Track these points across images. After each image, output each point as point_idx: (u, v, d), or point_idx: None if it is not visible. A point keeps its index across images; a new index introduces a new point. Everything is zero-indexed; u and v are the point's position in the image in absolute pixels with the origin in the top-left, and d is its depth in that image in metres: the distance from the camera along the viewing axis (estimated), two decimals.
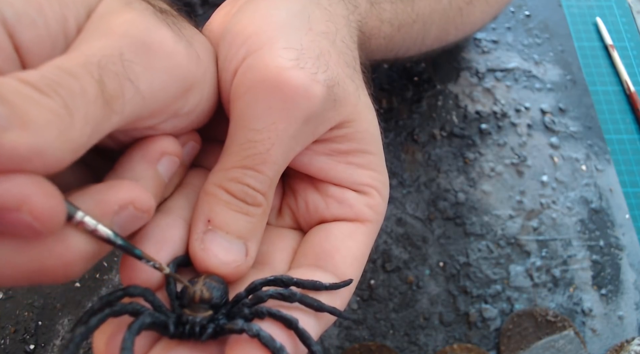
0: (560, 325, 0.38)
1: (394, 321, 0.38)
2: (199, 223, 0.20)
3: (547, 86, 0.49)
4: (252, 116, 0.20)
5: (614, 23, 0.54)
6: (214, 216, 0.19)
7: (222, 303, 0.18)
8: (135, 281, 0.18)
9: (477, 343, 0.37)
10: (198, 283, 0.18)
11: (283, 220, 0.24)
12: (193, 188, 0.22)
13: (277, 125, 0.20)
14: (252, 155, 0.20)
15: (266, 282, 0.18)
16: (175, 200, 0.21)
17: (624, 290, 0.40)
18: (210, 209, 0.20)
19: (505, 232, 0.42)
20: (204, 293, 0.18)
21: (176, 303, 0.18)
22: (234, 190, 0.20)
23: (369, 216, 0.23)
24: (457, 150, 0.45)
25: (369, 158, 0.23)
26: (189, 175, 0.23)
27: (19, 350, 0.36)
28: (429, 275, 0.40)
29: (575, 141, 0.46)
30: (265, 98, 0.20)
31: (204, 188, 0.20)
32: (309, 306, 0.18)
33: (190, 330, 0.17)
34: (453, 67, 0.49)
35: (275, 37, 0.20)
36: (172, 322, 0.17)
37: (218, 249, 0.19)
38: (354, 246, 0.22)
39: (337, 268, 0.21)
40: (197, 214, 0.20)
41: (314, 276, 0.19)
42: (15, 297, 0.37)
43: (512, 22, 0.52)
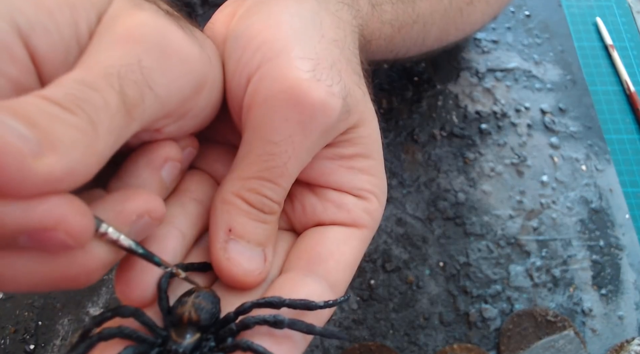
0: (560, 325, 0.38)
1: (394, 321, 0.38)
2: (220, 232, 0.20)
3: (547, 86, 0.49)
4: (270, 128, 0.20)
5: (614, 23, 0.54)
6: (235, 225, 0.20)
7: (210, 323, 0.18)
8: (130, 295, 0.18)
9: (477, 343, 0.37)
10: (187, 303, 0.18)
11: (280, 222, 0.24)
12: (187, 195, 0.22)
13: (294, 138, 0.20)
14: (271, 167, 0.20)
15: (256, 304, 0.18)
16: (169, 208, 0.21)
17: (624, 290, 0.40)
18: (231, 218, 0.20)
19: (505, 232, 0.42)
20: (192, 315, 0.18)
21: (168, 320, 0.18)
22: (253, 200, 0.20)
23: (366, 222, 0.23)
24: (457, 150, 0.45)
25: (370, 163, 0.23)
26: (182, 180, 0.23)
27: (19, 350, 0.36)
28: (429, 274, 0.40)
29: (575, 141, 0.46)
30: (283, 111, 0.20)
31: (222, 196, 0.20)
32: (299, 330, 0.18)
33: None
34: (453, 67, 0.49)
35: (290, 45, 0.20)
36: (155, 351, 0.17)
37: (242, 258, 0.19)
38: (348, 252, 0.22)
39: (330, 274, 0.21)
40: (217, 223, 0.20)
41: (304, 284, 0.19)
42: (15, 297, 0.37)
43: (512, 22, 0.52)
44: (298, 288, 0.19)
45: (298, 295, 0.19)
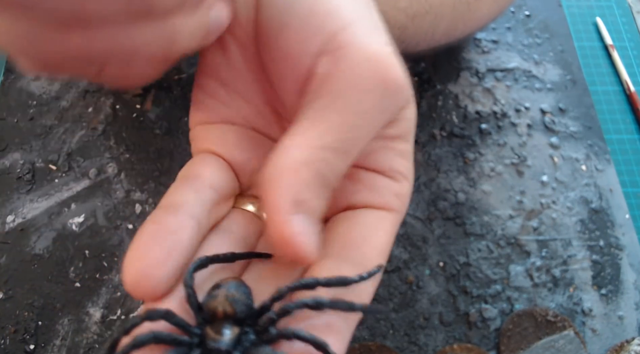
0: (560, 325, 0.38)
1: (393, 321, 0.38)
2: (286, 204, 0.17)
3: (547, 86, 0.49)
4: (353, 98, 0.19)
5: (614, 23, 0.54)
6: (302, 198, 0.18)
7: (247, 314, 0.17)
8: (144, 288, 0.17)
9: (477, 343, 0.37)
10: (219, 297, 0.17)
11: None
12: (202, 181, 0.20)
13: (374, 111, 0.19)
14: (347, 139, 0.19)
15: (292, 288, 0.17)
16: (182, 193, 0.20)
17: (624, 290, 0.40)
18: (298, 190, 0.18)
19: (505, 232, 0.42)
20: (226, 309, 0.17)
21: (200, 317, 0.17)
22: (324, 172, 0.18)
23: (397, 206, 0.22)
24: (457, 150, 0.45)
25: (408, 146, 0.22)
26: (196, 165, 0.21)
27: (19, 350, 0.36)
28: (429, 275, 0.40)
29: (575, 141, 0.46)
30: (368, 82, 0.19)
31: (290, 164, 0.18)
32: (340, 309, 0.17)
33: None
34: (453, 67, 0.49)
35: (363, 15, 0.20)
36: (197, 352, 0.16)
37: (307, 234, 0.18)
38: (382, 236, 0.21)
39: (366, 260, 0.19)
40: (281, 194, 0.18)
41: (339, 270, 0.18)
42: (15, 297, 0.37)
43: (512, 22, 0.52)
44: (333, 272, 0.18)
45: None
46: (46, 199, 0.41)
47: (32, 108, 0.45)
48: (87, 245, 0.39)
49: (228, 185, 0.22)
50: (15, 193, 0.41)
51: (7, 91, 0.46)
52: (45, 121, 0.45)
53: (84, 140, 0.44)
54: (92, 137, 0.44)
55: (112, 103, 0.46)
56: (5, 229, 0.40)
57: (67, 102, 0.46)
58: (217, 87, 0.23)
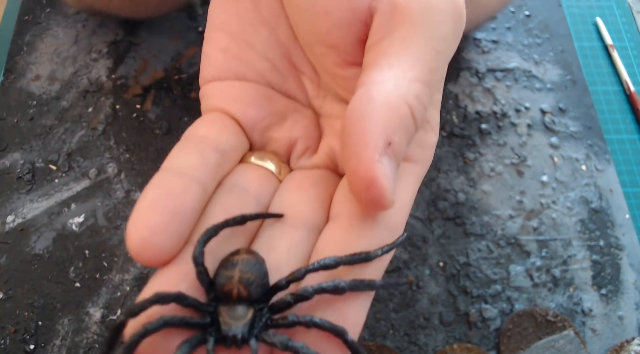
0: (560, 325, 0.38)
1: (394, 321, 0.38)
2: (380, 142, 0.16)
3: (547, 86, 0.49)
4: (435, 25, 0.17)
5: (614, 23, 0.54)
6: (396, 139, 0.16)
7: (262, 294, 0.17)
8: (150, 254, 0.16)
9: (477, 343, 0.37)
10: (233, 278, 0.16)
11: (318, 158, 0.22)
12: (207, 143, 0.19)
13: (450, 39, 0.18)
14: (433, 69, 0.17)
15: (310, 270, 0.16)
16: (186, 155, 0.18)
17: (624, 290, 0.40)
18: (394, 130, 0.16)
19: (505, 232, 0.42)
20: (241, 291, 0.16)
21: (212, 295, 0.16)
22: (415, 110, 0.17)
23: (420, 158, 0.20)
24: (457, 150, 0.45)
25: (439, 95, 0.21)
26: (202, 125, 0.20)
27: (19, 350, 0.36)
28: (429, 275, 0.40)
29: (575, 141, 0.46)
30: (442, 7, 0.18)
31: (381, 99, 0.16)
32: (360, 290, 0.16)
33: (231, 341, 0.16)
34: (453, 67, 0.49)
35: None
36: (211, 346, 0.15)
37: (391, 180, 0.16)
38: (404, 190, 0.19)
39: (388, 217, 0.18)
40: (376, 131, 0.16)
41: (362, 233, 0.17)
42: (15, 297, 0.37)
43: (512, 22, 0.52)
44: (354, 239, 0.17)
45: (355, 247, 0.17)
46: (46, 199, 0.41)
47: (32, 108, 0.45)
48: (87, 245, 0.39)
49: (235, 145, 0.20)
50: (15, 193, 0.41)
51: (7, 91, 0.46)
52: (45, 121, 0.45)
53: (84, 140, 0.44)
54: (92, 137, 0.44)
55: (112, 103, 0.46)
56: (5, 229, 0.40)
57: (67, 102, 0.46)
58: (229, 41, 0.22)
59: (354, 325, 0.16)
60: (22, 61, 0.47)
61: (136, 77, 0.47)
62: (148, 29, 0.49)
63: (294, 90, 0.23)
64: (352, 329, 0.16)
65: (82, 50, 0.48)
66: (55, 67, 0.47)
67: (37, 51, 0.48)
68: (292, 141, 0.22)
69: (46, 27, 0.49)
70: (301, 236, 0.18)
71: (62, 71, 0.47)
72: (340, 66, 0.20)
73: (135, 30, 0.49)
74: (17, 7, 0.50)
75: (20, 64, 0.47)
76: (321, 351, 0.15)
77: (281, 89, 0.23)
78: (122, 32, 0.49)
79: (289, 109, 0.22)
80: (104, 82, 0.47)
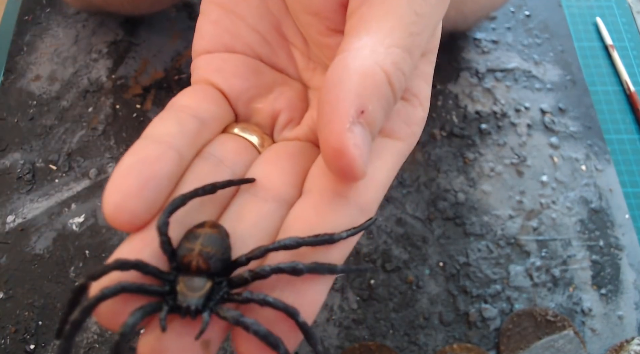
0: (560, 325, 0.38)
1: (393, 321, 0.38)
2: (351, 110, 0.15)
3: (547, 86, 0.49)
4: None
5: (614, 23, 0.54)
6: (370, 108, 0.16)
7: (221, 268, 0.17)
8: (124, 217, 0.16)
9: (477, 343, 0.37)
10: (194, 250, 0.16)
11: (300, 131, 0.21)
12: (187, 111, 0.19)
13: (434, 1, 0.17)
14: (415, 33, 0.17)
15: (270, 249, 0.16)
16: (165, 123, 0.18)
17: (624, 290, 0.40)
18: (368, 97, 0.16)
19: (505, 232, 0.42)
20: (200, 264, 0.16)
21: (174, 265, 0.17)
22: (394, 78, 0.16)
23: (404, 134, 0.19)
24: (457, 150, 0.45)
25: (430, 68, 0.20)
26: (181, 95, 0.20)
27: (20, 350, 0.36)
28: (429, 274, 0.40)
29: (575, 141, 0.46)
30: None
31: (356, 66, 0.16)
32: (320, 273, 0.16)
33: (185, 311, 0.16)
34: (453, 67, 0.49)
35: None
36: (163, 317, 0.16)
37: (363, 149, 0.15)
38: (379, 168, 0.18)
39: (360, 195, 0.17)
40: (348, 98, 0.15)
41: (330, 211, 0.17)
42: (15, 297, 0.37)
43: (512, 22, 0.52)
44: (322, 217, 0.17)
45: (323, 224, 0.16)
46: (46, 199, 0.41)
47: (32, 109, 0.45)
48: (88, 245, 0.39)
49: (217, 115, 0.20)
50: (16, 193, 0.41)
51: (7, 91, 0.46)
52: (46, 121, 0.45)
53: (84, 140, 0.44)
54: (92, 137, 0.44)
55: (112, 103, 0.46)
56: (6, 229, 0.40)
57: (67, 102, 0.46)
58: (221, 14, 0.22)
59: (310, 307, 0.16)
60: (22, 61, 0.47)
61: (136, 77, 0.47)
62: (148, 29, 0.49)
63: (283, 63, 0.23)
64: (308, 311, 0.16)
65: (82, 50, 0.48)
66: (55, 67, 0.47)
67: (37, 51, 0.48)
68: (276, 113, 0.22)
69: (46, 27, 0.49)
70: (271, 209, 0.18)
71: (62, 71, 0.47)
72: (325, 34, 0.20)
73: (136, 30, 0.49)
74: (17, 7, 0.50)
75: (20, 64, 0.47)
76: (273, 330, 0.15)
77: (270, 61, 0.22)
78: (122, 32, 0.49)
79: (276, 81, 0.22)
80: (104, 82, 0.47)
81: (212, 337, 0.16)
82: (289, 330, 0.16)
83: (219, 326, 0.16)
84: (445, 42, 0.50)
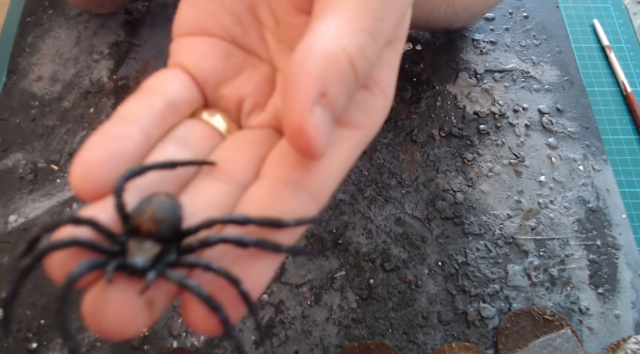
0: (558, 324, 0.38)
1: (392, 320, 0.38)
2: (312, 91, 0.16)
3: (545, 87, 0.49)
4: None
5: (611, 24, 0.54)
6: (331, 90, 0.16)
7: (171, 235, 0.17)
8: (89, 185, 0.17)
9: (475, 342, 0.38)
10: (146, 213, 0.17)
11: (264, 117, 0.22)
12: (156, 92, 0.20)
13: None
14: (379, 18, 0.17)
15: (219, 221, 0.17)
16: (133, 105, 0.19)
17: (621, 289, 0.40)
18: (330, 80, 0.16)
19: (504, 232, 0.42)
20: (151, 228, 0.17)
21: (126, 227, 0.17)
22: (358, 64, 0.16)
23: (363, 123, 0.19)
24: (455, 150, 0.45)
25: (396, 58, 0.20)
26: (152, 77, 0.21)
27: (22, 349, 0.36)
28: (428, 274, 0.40)
29: (573, 141, 0.47)
30: None
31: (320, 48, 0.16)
32: (265, 249, 0.17)
33: (132, 269, 0.16)
34: (451, 67, 0.50)
35: None
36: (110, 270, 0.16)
37: (322, 129, 0.16)
38: (335, 157, 0.18)
39: (312, 184, 0.18)
40: (309, 80, 0.16)
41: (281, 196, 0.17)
42: (17, 296, 0.38)
43: (510, 24, 0.53)
44: (273, 200, 0.17)
45: (274, 208, 0.17)
46: (48, 199, 0.41)
47: (34, 109, 0.45)
48: None
49: (185, 98, 0.21)
50: (18, 193, 0.42)
51: (10, 92, 0.46)
52: (47, 122, 0.45)
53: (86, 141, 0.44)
54: None
55: (114, 103, 0.46)
56: (8, 229, 0.40)
57: (69, 103, 0.46)
58: None
59: (254, 283, 0.17)
60: (25, 62, 0.48)
61: (137, 77, 0.47)
62: (149, 30, 0.50)
63: (255, 44, 0.23)
64: (253, 286, 0.16)
65: (83, 51, 0.49)
66: (57, 68, 0.48)
67: (39, 52, 0.48)
68: (241, 99, 0.22)
69: (48, 29, 0.50)
70: (227, 190, 0.19)
71: (64, 72, 0.47)
72: (294, 14, 0.20)
73: (137, 31, 0.50)
74: (19, 9, 0.51)
75: (22, 65, 0.48)
76: (215, 295, 0.16)
77: (244, 44, 0.23)
78: (124, 34, 0.50)
79: (245, 65, 0.22)
80: (105, 83, 0.47)
81: (157, 298, 0.16)
82: (232, 300, 0.16)
83: (166, 290, 0.17)
84: (444, 43, 0.51)
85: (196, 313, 0.16)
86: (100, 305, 0.15)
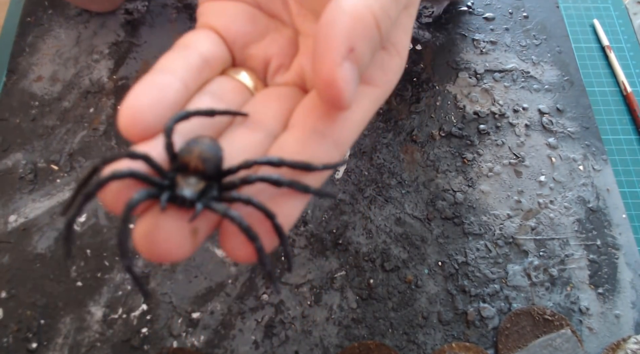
0: (558, 324, 0.38)
1: (392, 320, 0.38)
2: (342, 47, 0.17)
3: (545, 87, 0.49)
4: None
5: (611, 24, 0.54)
6: (359, 47, 0.17)
7: (214, 173, 0.19)
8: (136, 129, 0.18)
9: (475, 342, 0.38)
10: (193, 153, 0.19)
11: (289, 76, 0.23)
12: (192, 48, 0.21)
13: None
14: None
15: (258, 162, 0.19)
16: (171, 59, 0.21)
17: (621, 289, 0.40)
18: (357, 38, 0.17)
19: (504, 232, 0.42)
20: (197, 165, 0.18)
21: (174, 165, 0.19)
22: (382, 24, 0.18)
23: (380, 81, 0.21)
24: (455, 150, 0.45)
25: (410, 21, 0.21)
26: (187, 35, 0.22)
27: (22, 349, 0.36)
28: (428, 274, 0.40)
29: (573, 141, 0.47)
30: None
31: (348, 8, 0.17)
32: (297, 190, 0.19)
33: (181, 200, 0.18)
34: (451, 67, 0.50)
35: None
36: (164, 199, 0.17)
37: (350, 83, 0.17)
38: (356, 111, 0.20)
39: (336, 134, 0.19)
40: (339, 36, 0.17)
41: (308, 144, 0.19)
42: (17, 296, 0.38)
43: (510, 23, 0.53)
44: (301, 147, 0.19)
45: (302, 154, 0.19)
46: (48, 199, 0.41)
47: (34, 109, 0.45)
48: (89, 245, 0.40)
49: (217, 55, 0.22)
50: (18, 193, 0.42)
51: (10, 92, 0.46)
52: (47, 122, 0.45)
53: (86, 141, 0.44)
54: (94, 137, 0.44)
55: (114, 103, 0.46)
56: (8, 229, 0.40)
57: (69, 103, 0.46)
58: None
59: (286, 217, 0.18)
60: (25, 62, 0.48)
61: (137, 77, 0.47)
62: (149, 30, 0.50)
63: (278, 9, 0.24)
64: (284, 220, 0.18)
65: (83, 51, 0.49)
66: (57, 68, 0.48)
67: (39, 52, 0.48)
68: (267, 59, 0.23)
69: (48, 29, 0.50)
70: (258, 138, 0.21)
71: (63, 72, 0.47)
72: None
73: (136, 31, 0.50)
74: (19, 9, 0.51)
75: (22, 65, 0.48)
76: (252, 226, 0.18)
77: (267, 8, 0.24)
78: (123, 33, 0.50)
79: (269, 28, 0.24)
80: (105, 83, 0.47)
81: (201, 227, 0.18)
82: (267, 232, 0.18)
83: (209, 220, 0.18)
84: (444, 43, 0.51)
85: (235, 241, 0.18)
86: (152, 232, 0.17)
